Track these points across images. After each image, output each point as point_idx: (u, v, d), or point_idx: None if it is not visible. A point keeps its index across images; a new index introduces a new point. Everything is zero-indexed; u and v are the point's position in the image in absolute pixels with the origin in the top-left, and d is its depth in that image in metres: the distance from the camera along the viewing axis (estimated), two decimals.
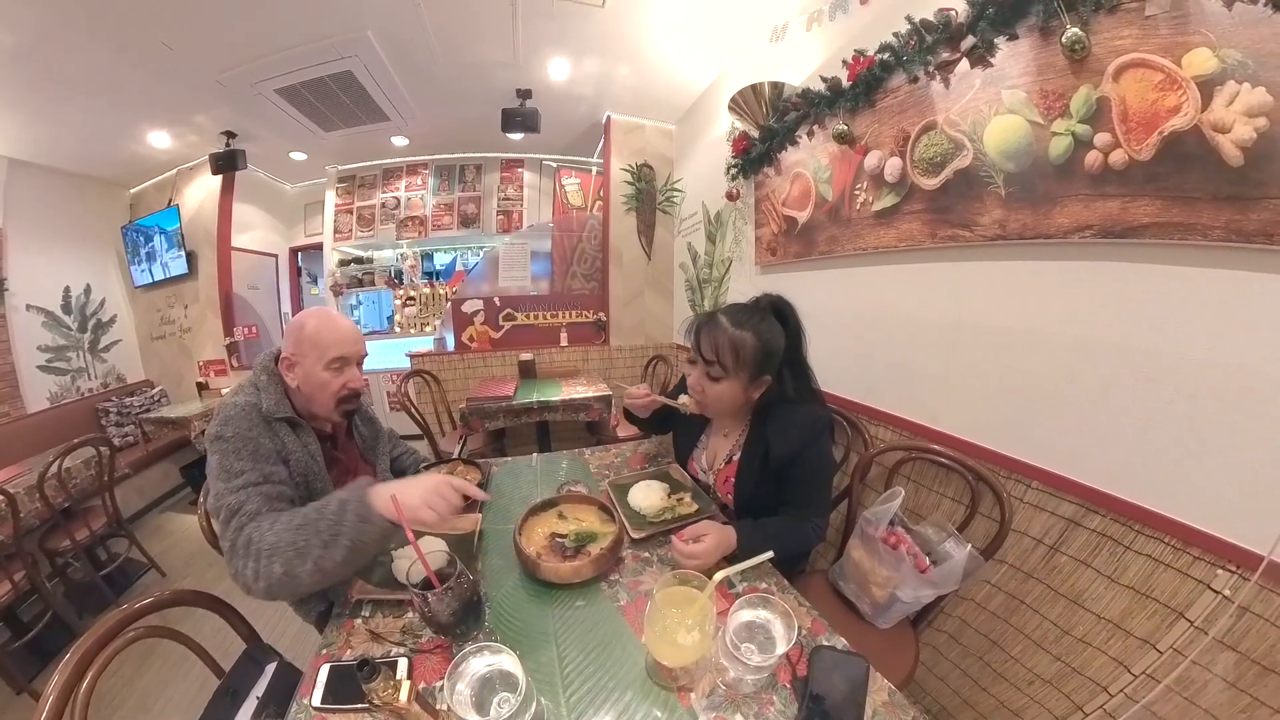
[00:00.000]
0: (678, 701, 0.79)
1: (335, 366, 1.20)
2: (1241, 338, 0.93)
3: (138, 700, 1.99)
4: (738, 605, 0.79)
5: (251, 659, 1.01)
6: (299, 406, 1.24)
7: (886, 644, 1.24)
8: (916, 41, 1.48)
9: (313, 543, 0.93)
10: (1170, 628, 1.07)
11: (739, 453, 1.32)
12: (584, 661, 0.88)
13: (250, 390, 1.19)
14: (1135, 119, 1.01)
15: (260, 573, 0.92)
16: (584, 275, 4.32)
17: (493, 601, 1.05)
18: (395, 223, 4.81)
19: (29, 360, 3.67)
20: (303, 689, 0.84)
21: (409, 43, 2.77)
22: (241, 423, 1.11)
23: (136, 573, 2.99)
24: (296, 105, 3.37)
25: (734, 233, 2.87)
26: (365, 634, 0.97)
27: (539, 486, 1.57)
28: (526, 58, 2.97)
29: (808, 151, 2.11)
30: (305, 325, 1.21)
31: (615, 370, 3.99)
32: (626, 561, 1.14)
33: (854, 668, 0.74)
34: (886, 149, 1.68)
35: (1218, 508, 0.99)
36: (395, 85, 3.23)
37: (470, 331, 4.02)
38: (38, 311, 3.75)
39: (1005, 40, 1.26)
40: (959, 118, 1.41)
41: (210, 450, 1.10)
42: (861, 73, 1.69)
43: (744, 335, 1.18)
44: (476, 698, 0.70)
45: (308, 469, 1.19)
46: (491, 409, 3.06)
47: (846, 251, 1.93)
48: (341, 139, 4.01)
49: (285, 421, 1.18)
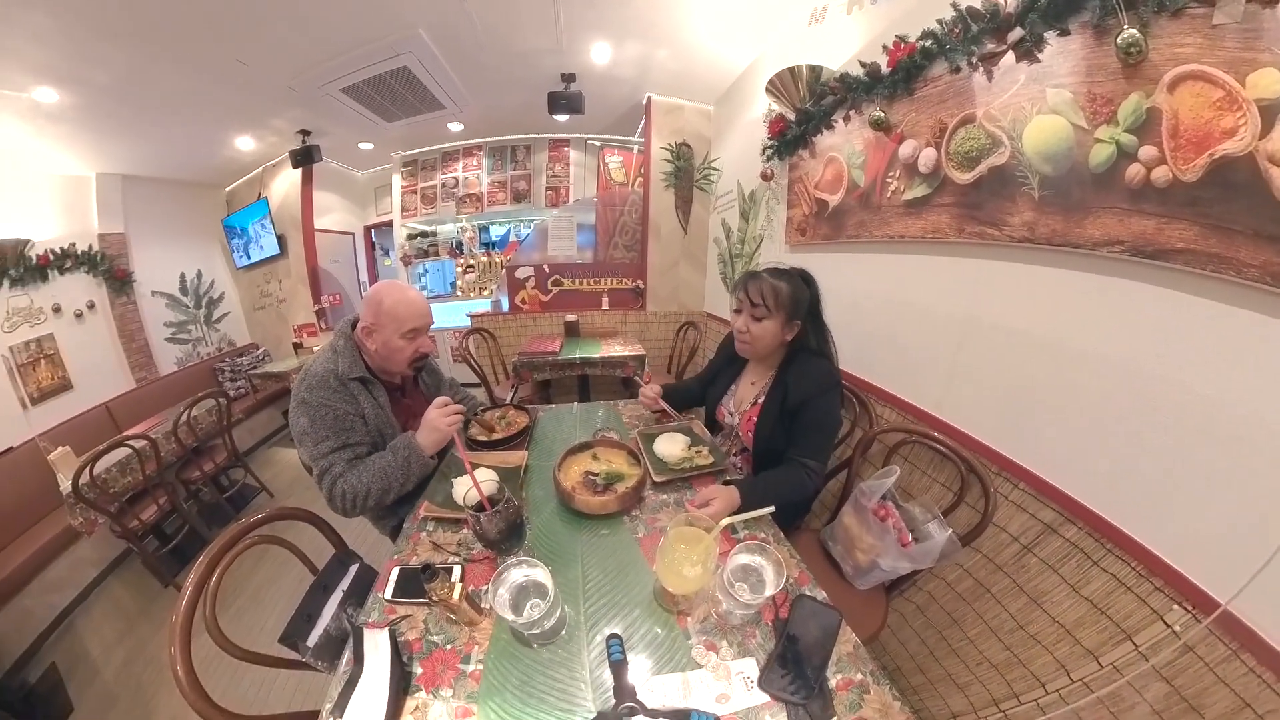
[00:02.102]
0: (676, 623, 0.84)
1: (409, 335, 1.29)
2: (1252, 383, 0.83)
3: (252, 592, 2.28)
4: (737, 549, 0.83)
5: (339, 561, 1.10)
6: (373, 365, 1.33)
7: (860, 603, 1.25)
8: (961, 30, 1.32)
9: (392, 482, 1.18)
10: (1116, 646, 1.03)
11: (763, 397, 1.37)
12: (603, 580, 0.94)
13: (329, 356, 1.28)
14: (1185, 136, 0.87)
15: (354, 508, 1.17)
16: (625, 246, 4.27)
17: (532, 525, 1.12)
18: (455, 200, 4.84)
19: (158, 334, 4.01)
20: (377, 585, 0.94)
21: (458, 36, 2.70)
22: (322, 391, 1.21)
23: (251, 495, 3.34)
24: (361, 101, 3.38)
25: (766, 211, 2.74)
26: (428, 545, 1.06)
27: (577, 431, 1.62)
28: (569, 43, 2.85)
29: (843, 136, 1.96)
30: (383, 300, 1.27)
31: (650, 332, 3.98)
32: (647, 500, 1.19)
33: (828, 618, 0.76)
34: (922, 139, 1.53)
35: (1189, 545, 0.93)
36: (448, 76, 3.18)
37: (522, 295, 4.09)
38: (161, 295, 4.08)
39: (1055, 35, 1.10)
40: (999, 113, 1.26)
41: (298, 411, 1.21)
42: (902, 59, 1.54)
43: (780, 284, 1.28)
44: (514, 601, 0.78)
45: (379, 421, 1.30)
46: (539, 363, 3.19)
47: (873, 237, 1.81)
48: (403, 128, 4.00)
49: (359, 380, 1.27)
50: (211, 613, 0.91)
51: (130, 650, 2.16)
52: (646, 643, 0.81)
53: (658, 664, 0.77)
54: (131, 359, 3.73)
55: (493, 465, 1.23)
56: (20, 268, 3.02)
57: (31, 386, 3.03)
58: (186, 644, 0.81)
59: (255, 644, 0.94)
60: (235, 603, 2.22)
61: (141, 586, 2.53)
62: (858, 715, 0.68)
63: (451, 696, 0.72)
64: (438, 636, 0.83)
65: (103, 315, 3.60)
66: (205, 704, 0.78)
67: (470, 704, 0.71)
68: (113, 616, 2.39)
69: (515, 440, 1.49)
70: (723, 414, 1.53)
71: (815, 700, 0.67)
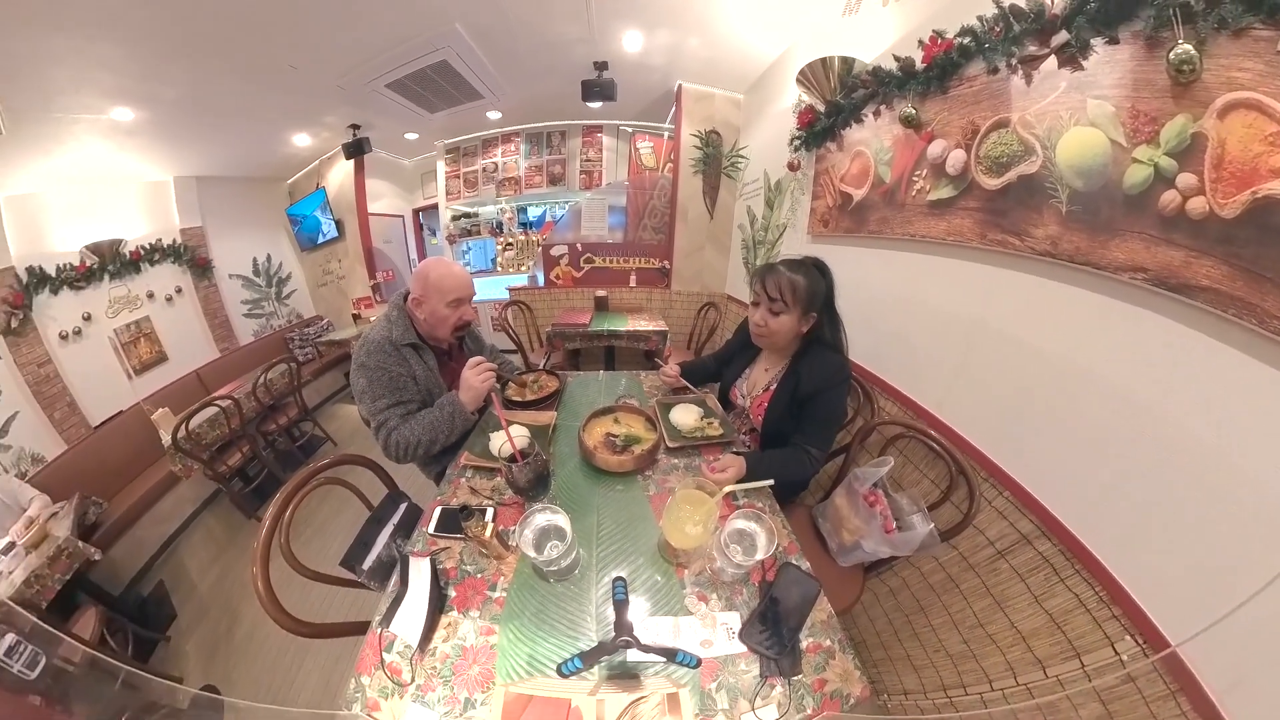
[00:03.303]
0: (674, 574, 0.87)
1: (453, 305, 1.34)
2: (1253, 440, 0.77)
3: (319, 524, 2.49)
4: (735, 515, 0.84)
5: (391, 499, 1.19)
6: (422, 332, 1.39)
7: (839, 578, 1.26)
8: (1002, 29, 1.20)
9: (438, 434, 1.25)
10: (1064, 661, 1.03)
11: (775, 384, 1.34)
12: (614, 530, 0.99)
13: (383, 325, 1.35)
14: (1230, 169, 0.76)
15: (405, 456, 1.26)
16: (653, 228, 4.20)
17: (557, 476, 1.16)
18: (494, 183, 4.84)
19: (236, 311, 4.27)
20: (422, 521, 1.01)
21: (493, 29, 2.65)
22: (378, 355, 1.29)
23: (318, 444, 3.62)
24: (404, 95, 3.39)
25: (791, 201, 2.62)
26: (466, 489, 1.13)
27: (602, 396, 1.64)
28: (601, 31, 2.74)
29: (871, 131, 1.83)
30: (430, 274, 1.33)
31: (673, 310, 3.94)
32: (660, 463, 1.21)
33: (809, 587, 0.77)
34: (952, 140, 1.42)
35: (1154, 582, 0.91)
36: (485, 67, 3.14)
37: (556, 271, 4.13)
38: (237, 278, 4.33)
39: (1103, 43, 0.97)
40: (1035, 120, 1.14)
41: (357, 373, 1.30)
42: (938, 56, 1.41)
43: (797, 278, 1.23)
44: (536, 541, 0.84)
45: (428, 381, 1.37)
46: (571, 333, 3.26)
47: (894, 234, 1.71)
48: (445, 118, 4.00)
49: (410, 346, 1.34)
50: (285, 540, 1.01)
51: (221, 570, 2.47)
52: (647, 587, 0.85)
53: (654, 607, 0.82)
54: (215, 333, 4.01)
55: (525, 423, 1.30)
56: (117, 263, 3.28)
57: (134, 360, 3.34)
58: (265, 565, 0.92)
59: (320, 566, 1.06)
60: (304, 533, 2.45)
61: (229, 520, 2.85)
62: (821, 676, 0.70)
63: (478, 617, 0.80)
64: (470, 567, 0.90)
65: (189, 298, 3.86)
66: (279, 613, 0.89)
67: (493, 625, 0.78)
68: (207, 543, 2.72)
69: (546, 402, 1.54)
70: (736, 395, 1.52)
71: (786, 657, 0.70)
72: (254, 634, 1.99)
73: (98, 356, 3.13)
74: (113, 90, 2.48)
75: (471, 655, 0.74)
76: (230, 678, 1.85)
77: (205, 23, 2.12)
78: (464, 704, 0.67)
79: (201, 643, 2.05)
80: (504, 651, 0.74)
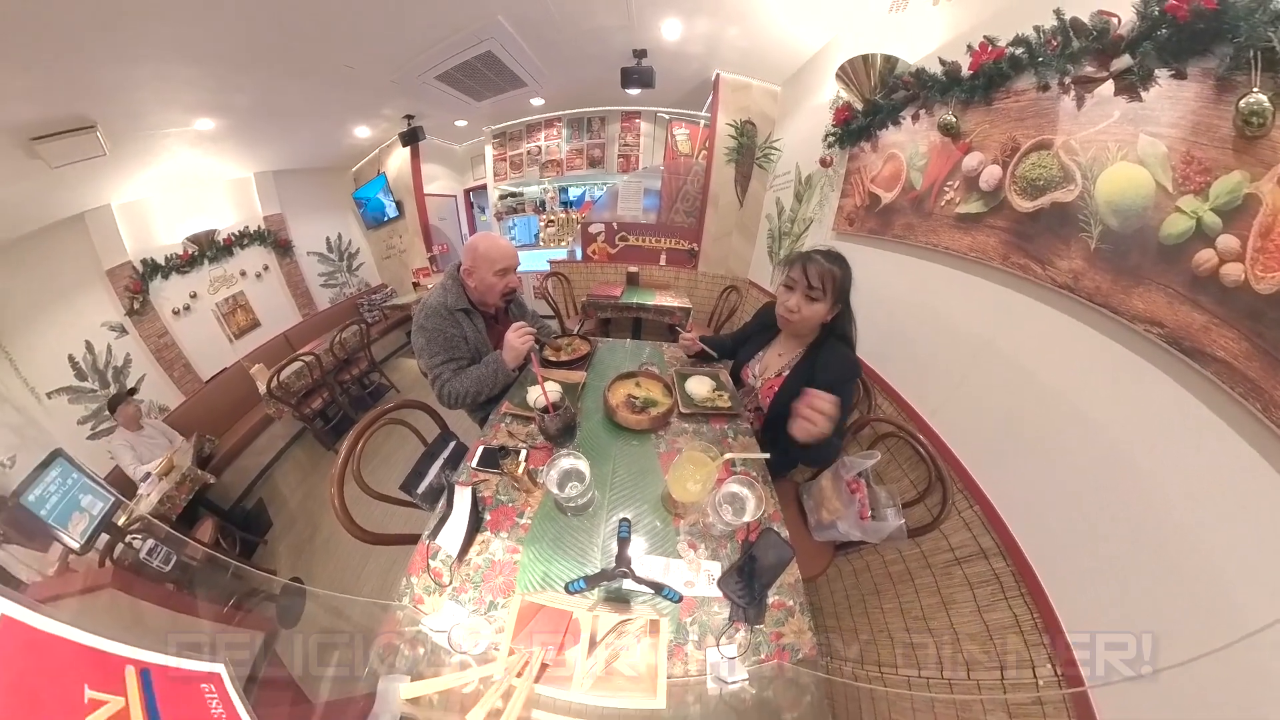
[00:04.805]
0: (672, 522, 0.92)
1: (500, 273, 1.40)
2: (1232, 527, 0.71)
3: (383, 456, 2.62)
4: (731, 479, 0.86)
5: (443, 438, 1.25)
6: (473, 299, 1.46)
7: (812, 550, 1.26)
8: (1060, 43, 1.05)
9: (484, 387, 1.34)
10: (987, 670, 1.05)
11: (788, 371, 1.30)
12: (626, 478, 1.04)
13: (439, 292, 1.42)
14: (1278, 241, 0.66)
15: (455, 404, 1.36)
16: (685, 212, 4.10)
17: (582, 428, 1.21)
18: (538, 166, 4.80)
19: (314, 282, 4.59)
20: (467, 457, 1.09)
21: (534, 19, 2.58)
22: (435, 318, 1.38)
23: (384, 391, 3.98)
24: (453, 85, 3.36)
25: (820, 196, 2.48)
26: (505, 433, 1.19)
27: (627, 362, 1.66)
28: (640, 20, 2.61)
29: (908, 135, 1.69)
30: (479, 246, 1.39)
31: (698, 290, 3.88)
32: (672, 425, 1.24)
33: (784, 552, 0.79)
34: (990, 154, 1.28)
35: (1095, 620, 0.89)
36: (528, 56, 3.06)
37: (593, 247, 4.13)
38: (314, 255, 4.63)
39: (1168, 75, 0.83)
40: (1079, 146, 1.01)
41: (417, 333, 1.40)
42: (986, 64, 1.26)
43: (835, 269, 1.18)
44: (560, 481, 0.90)
45: (477, 341, 1.45)
46: (603, 304, 3.34)
47: (917, 242, 1.60)
48: (491, 105, 3.96)
49: (462, 311, 1.42)
50: (356, 468, 1.12)
51: (306, 490, 2.83)
52: (647, 530, 0.90)
53: (651, 547, 0.87)
54: (297, 301, 4.36)
55: (558, 380, 1.34)
56: (213, 250, 3.64)
57: (233, 327, 3.75)
58: (341, 487, 1.03)
59: (383, 489, 1.18)
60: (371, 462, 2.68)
61: (313, 451, 3.23)
62: (779, 629, 0.74)
63: (507, 538, 0.88)
64: (504, 497, 0.97)
65: (275, 273, 4.19)
66: (351, 524, 1.02)
67: (518, 545, 0.86)
68: (295, 470, 3.10)
69: (577, 363, 1.58)
70: (747, 375, 1.47)
71: (754, 608, 0.74)
72: (330, 540, 2.29)
73: (204, 326, 3.55)
74: (193, 105, 2.64)
75: (498, 568, 0.82)
76: (311, 572, 2.19)
77: (267, 35, 2.19)
78: (488, 605, 0.76)
79: (290, 545, 2.41)
80: (524, 568, 0.82)
